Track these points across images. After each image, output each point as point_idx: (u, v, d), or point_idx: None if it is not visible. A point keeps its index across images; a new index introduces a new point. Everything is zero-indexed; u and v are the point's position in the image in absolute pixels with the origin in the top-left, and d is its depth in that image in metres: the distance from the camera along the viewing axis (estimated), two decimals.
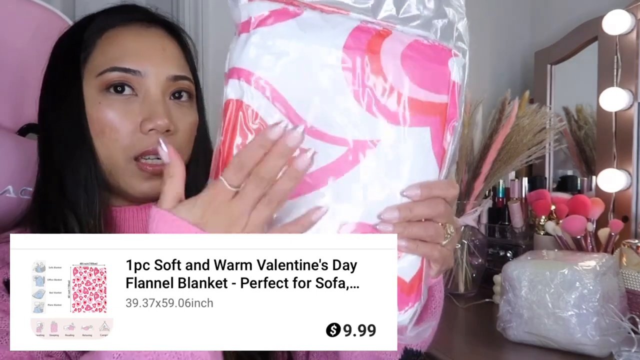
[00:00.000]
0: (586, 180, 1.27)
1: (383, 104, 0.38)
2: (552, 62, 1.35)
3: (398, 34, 0.40)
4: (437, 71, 0.42)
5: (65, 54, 0.54)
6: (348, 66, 0.38)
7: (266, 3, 0.37)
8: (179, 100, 0.55)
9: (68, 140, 0.52)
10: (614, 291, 0.78)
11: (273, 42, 0.37)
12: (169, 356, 0.34)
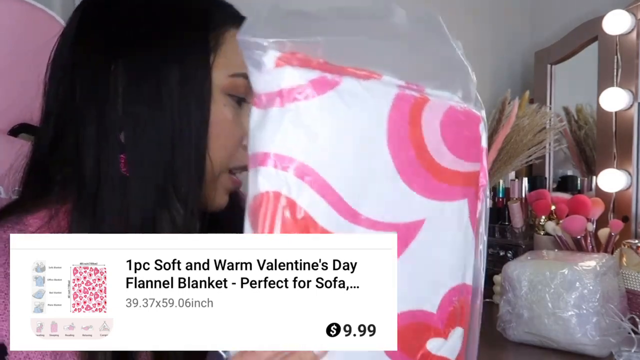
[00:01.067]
0: (586, 180, 1.27)
1: (427, 180, 0.36)
2: (552, 62, 1.35)
3: (434, 101, 0.37)
4: (471, 139, 0.40)
5: (191, 31, 0.46)
6: (394, 141, 0.34)
7: (300, 70, 0.32)
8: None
9: (189, 132, 0.44)
10: (614, 291, 0.78)
11: (314, 119, 0.32)
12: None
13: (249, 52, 0.31)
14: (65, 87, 0.46)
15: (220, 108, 0.46)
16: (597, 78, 1.16)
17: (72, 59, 0.46)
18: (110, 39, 0.45)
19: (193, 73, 0.45)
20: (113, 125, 0.43)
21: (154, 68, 0.44)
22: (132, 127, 0.43)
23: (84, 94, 0.44)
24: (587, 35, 1.21)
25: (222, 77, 0.46)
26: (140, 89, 0.44)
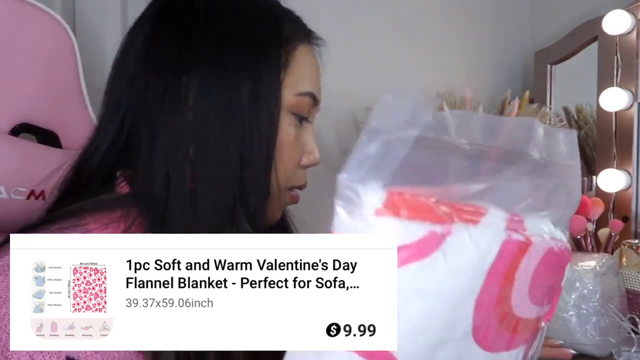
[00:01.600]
0: (586, 180, 1.27)
1: (496, 334, 0.33)
2: (552, 62, 1.35)
3: (536, 244, 0.33)
4: (555, 283, 0.38)
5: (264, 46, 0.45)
6: (483, 297, 0.31)
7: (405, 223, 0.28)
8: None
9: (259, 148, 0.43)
10: (614, 291, 0.78)
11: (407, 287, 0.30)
12: None
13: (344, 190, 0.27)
14: (133, 95, 0.45)
15: (285, 127, 0.46)
16: (597, 78, 1.16)
17: (144, 68, 0.45)
18: (183, 50, 0.44)
19: (265, 90, 0.44)
20: (183, 139, 0.43)
21: (226, 83, 0.43)
22: (203, 142, 0.43)
23: (154, 103, 0.43)
24: (587, 35, 1.21)
25: (289, 95, 0.46)
26: (212, 103, 0.43)
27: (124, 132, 0.45)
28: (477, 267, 0.31)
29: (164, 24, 0.46)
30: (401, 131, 0.27)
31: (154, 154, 0.43)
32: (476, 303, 0.31)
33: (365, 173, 0.26)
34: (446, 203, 0.29)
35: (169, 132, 0.43)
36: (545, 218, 0.35)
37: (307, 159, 0.51)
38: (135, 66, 0.45)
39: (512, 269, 0.32)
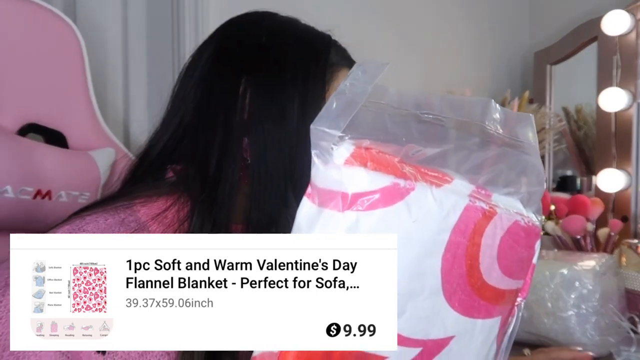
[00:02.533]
0: (586, 180, 1.27)
1: (469, 298, 0.35)
2: (552, 62, 1.35)
3: (501, 214, 0.35)
4: (525, 257, 0.40)
5: (313, 63, 0.52)
6: (449, 257, 0.33)
7: (372, 174, 0.31)
8: None
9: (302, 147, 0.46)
10: (614, 291, 0.79)
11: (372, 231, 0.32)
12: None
13: (317, 140, 0.31)
14: (197, 94, 0.51)
15: None
16: (596, 78, 1.16)
17: (211, 70, 0.51)
18: (245, 57, 0.51)
19: (311, 99, 0.50)
20: (237, 132, 0.48)
21: (279, 88, 0.49)
22: (260, 137, 0.48)
23: (216, 100, 0.50)
24: (587, 35, 1.21)
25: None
26: (266, 104, 0.49)
27: (183, 126, 0.50)
28: (440, 224, 0.33)
29: (231, 39, 0.53)
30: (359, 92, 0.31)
31: (210, 143, 0.48)
32: (443, 260, 0.33)
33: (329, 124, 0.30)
34: (411, 164, 0.32)
35: (224, 125, 0.48)
36: (514, 196, 0.37)
37: None
38: (202, 71, 0.52)
39: (476, 233, 0.34)
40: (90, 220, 0.45)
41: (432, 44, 1.39)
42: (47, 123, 0.80)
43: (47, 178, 0.73)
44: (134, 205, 0.47)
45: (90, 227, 0.44)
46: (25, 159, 0.71)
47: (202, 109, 0.50)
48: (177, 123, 0.51)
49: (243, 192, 0.48)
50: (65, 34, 0.83)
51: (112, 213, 0.46)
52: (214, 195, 0.46)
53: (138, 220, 0.47)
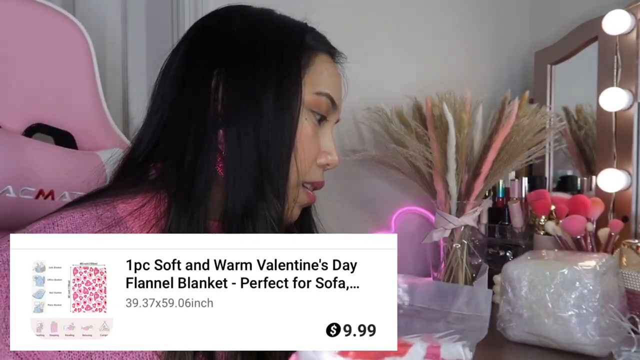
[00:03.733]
0: (586, 180, 1.27)
1: None
2: (552, 62, 1.35)
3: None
4: None
5: (286, 49, 0.51)
6: None
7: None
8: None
9: (281, 136, 0.48)
10: (614, 291, 0.78)
11: None
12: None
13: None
14: (172, 91, 0.51)
15: (302, 122, 0.51)
16: (597, 78, 1.16)
17: (185, 67, 0.51)
18: (216, 50, 0.50)
19: (287, 87, 0.50)
20: (211, 125, 0.48)
21: (252, 77, 0.49)
22: (234, 129, 0.48)
23: (189, 95, 0.49)
24: (587, 35, 1.21)
25: (308, 93, 0.51)
26: (238, 96, 0.48)
27: (162, 124, 0.51)
28: None
29: (204, 33, 0.53)
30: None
31: (185, 138, 0.48)
32: None
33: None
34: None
35: (198, 120, 0.48)
36: (458, 343, 0.41)
37: (325, 159, 0.55)
38: (177, 68, 0.52)
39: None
40: (65, 215, 0.46)
41: (432, 44, 1.39)
42: (55, 123, 0.81)
43: (50, 178, 0.73)
44: (115, 202, 0.48)
45: (65, 222, 0.45)
46: (27, 159, 0.71)
47: (178, 105, 0.50)
48: (157, 121, 0.51)
49: (220, 185, 0.48)
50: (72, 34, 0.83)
51: (89, 209, 0.47)
52: (190, 190, 0.46)
53: (115, 215, 0.47)
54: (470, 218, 1.13)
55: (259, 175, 0.47)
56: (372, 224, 1.33)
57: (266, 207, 0.47)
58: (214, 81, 0.49)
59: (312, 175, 0.54)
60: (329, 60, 0.56)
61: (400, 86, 1.29)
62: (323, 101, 0.53)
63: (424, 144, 1.14)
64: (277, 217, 0.47)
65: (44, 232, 0.44)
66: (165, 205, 0.47)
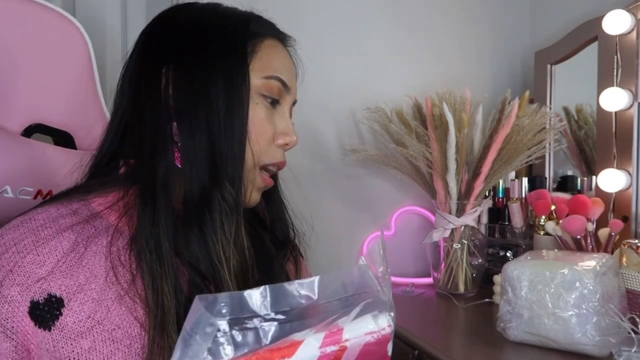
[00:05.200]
0: (586, 180, 1.27)
1: None
2: (552, 62, 1.35)
3: (352, 346, 0.40)
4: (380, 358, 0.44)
5: (231, 40, 0.53)
6: None
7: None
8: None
9: (232, 125, 0.51)
10: (614, 291, 0.78)
11: None
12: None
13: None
14: (130, 91, 0.54)
15: (254, 107, 0.53)
16: (597, 78, 1.16)
17: (138, 68, 0.54)
18: (164, 49, 0.53)
19: (234, 75, 0.52)
20: (165, 121, 0.50)
21: (201, 71, 0.51)
22: (183, 123, 0.50)
23: (143, 94, 0.52)
24: (587, 35, 1.21)
25: (256, 78, 0.53)
26: (188, 89, 0.51)
27: (123, 124, 0.54)
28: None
29: (153, 33, 0.56)
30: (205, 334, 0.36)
31: (143, 136, 0.51)
32: None
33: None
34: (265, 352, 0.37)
35: (152, 117, 0.51)
36: (365, 318, 0.42)
37: (282, 139, 0.56)
38: (132, 67, 0.55)
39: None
40: (42, 210, 0.49)
41: (432, 44, 1.39)
42: (55, 124, 0.80)
43: (49, 178, 0.73)
44: (87, 198, 0.51)
45: (41, 216, 0.48)
46: (25, 159, 0.70)
47: (135, 105, 0.53)
48: (118, 122, 0.54)
49: (180, 174, 0.51)
50: (72, 34, 0.83)
51: (65, 204, 0.50)
52: (152, 181, 0.49)
53: (92, 210, 0.50)
54: (470, 218, 1.13)
55: (212, 163, 0.50)
56: (372, 224, 1.33)
57: (220, 193, 0.49)
58: (163, 79, 0.51)
59: (271, 156, 0.55)
60: (277, 45, 0.57)
61: (400, 86, 1.29)
62: (274, 84, 0.54)
63: (424, 144, 1.14)
64: (232, 202, 0.50)
65: (20, 227, 0.46)
66: (135, 200, 0.50)
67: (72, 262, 0.46)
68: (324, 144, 1.28)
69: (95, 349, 0.44)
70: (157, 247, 0.47)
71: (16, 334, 0.43)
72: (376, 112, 1.21)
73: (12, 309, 0.43)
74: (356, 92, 1.29)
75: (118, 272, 0.47)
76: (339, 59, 1.28)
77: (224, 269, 0.48)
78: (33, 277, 0.44)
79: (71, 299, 0.44)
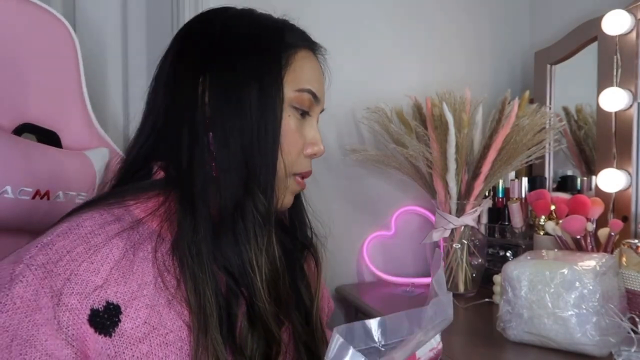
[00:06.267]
0: (586, 180, 1.27)
1: None
2: (552, 62, 1.35)
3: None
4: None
5: (266, 51, 0.54)
6: None
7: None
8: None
9: (265, 136, 0.52)
10: (614, 291, 0.78)
11: None
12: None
13: None
14: (164, 98, 0.55)
15: (286, 118, 0.54)
16: (596, 78, 1.16)
17: (174, 74, 0.55)
18: (201, 57, 0.53)
19: (268, 86, 0.52)
20: (202, 130, 0.51)
21: (235, 81, 0.52)
22: (218, 132, 0.51)
23: (179, 101, 0.53)
24: (587, 35, 1.21)
25: (289, 91, 0.54)
26: (224, 99, 0.52)
27: (157, 128, 0.55)
28: None
29: (188, 40, 0.56)
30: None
31: (179, 144, 0.52)
32: None
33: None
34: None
35: (189, 125, 0.52)
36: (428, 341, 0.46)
37: (311, 149, 0.58)
38: (168, 74, 0.55)
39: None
40: (87, 217, 0.49)
41: (432, 44, 1.39)
42: (41, 123, 0.80)
43: (46, 178, 0.73)
44: (126, 204, 0.52)
45: (88, 222, 0.48)
46: (24, 160, 0.70)
47: (170, 112, 0.54)
48: (151, 127, 0.55)
49: (216, 183, 0.52)
50: (60, 33, 0.83)
51: (106, 210, 0.51)
52: (191, 191, 0.50)
53: (134, 216, 0.51)
54: (470, 218, 1.13)
55: (245, 174, 0.51)
56: (372, 224, 1.33)
57: (253, 203, 0.51)
58: (200, 87, 0.52)
59: (300, 166, 0.57)
60: (309, 56, 0.58)
61: (400, 86, 1.30)
62: (305, 97, 0.55)
63: (424, 144, 1.14)
64: (264, 211, 0.51)
65: (70, 234, 0.47)
66: (175, 206, 0.51)
67: (124, 270, 0.47)
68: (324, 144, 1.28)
69: (152, 352, 0.46)
70: (198, 253, 0.49)
71: (76, 340, 0.43)
72: (376, 112, 1.21)
73: (73, 317, 0.44)
74: (356, 92, 1.29)
75: (165, 278, 0.48)
76: (339, 59, 1.28)
77: (256, 277, 0.50)
78: (90, 285, 0.45)
79: (127, 306, 0.46)
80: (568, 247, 0.98)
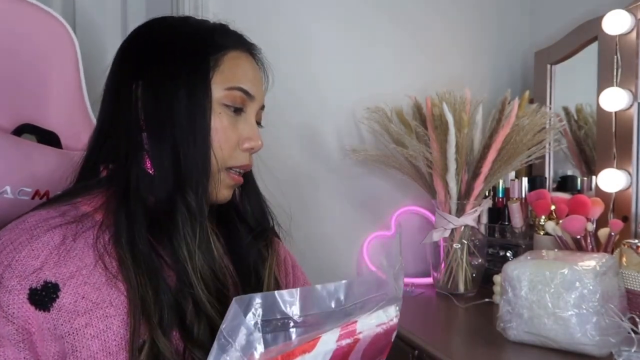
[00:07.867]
0: (586, 180, 1.27)
1: None
2: (552, 62, 1.35)
3: (364, 338, 0.44)
4: (383, 345, 0.48)
5: (194, 56, 0.57)
6: None
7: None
8: (258, 126, 0.64)
9: (194, 135, 0.56)
10: (614, 291, 0.78)
11: None
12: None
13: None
14: (108, 102, 0.60)
15: (217, 116, 0.58)
16: (597, 78, 1.16)
17: (114, 82, 0.59)
18: (135, 65, 0.58)
19: (196, 90, 0.56)
20: (137, 132, 0.56)
21: (166, 87, 0.56)
22: (152, 133, 0.56)
23: (118, 107, 0.58)
24: (587, 35, 1.21)
25: (219, 90, 0.58)
26: (155, 102, 0.56)
27: (103, 131, 0.59)
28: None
29: (129, 47, 0.61)
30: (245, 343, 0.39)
31: (119, 144, 0.56)
32: None
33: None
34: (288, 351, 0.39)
35: (125, 127, 0.56)
36: (378, 310, 0.46)
37: (248, 144, 0.60)
38: (110, 80, 0.60)
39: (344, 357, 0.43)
40: (34, 213, 0.54)
41: (432, 44, 1.39)
42: (41, 123, 0.80)
43: (45, 178, 0.73)
44: (73, 202, 0.56)
45: (33, 218, 0.53)
46: (23, 160, 0.70)
47: (113, 117, 0.59)
48: (99, 128, 0.60)
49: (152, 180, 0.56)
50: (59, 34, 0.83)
51: (55, 207, 0.55)
52: (126, 186, 0.55)
53: (79, 211, 0.55)
54: (470, 218, 1.13)
55: (177, 171, 0.55)
56: (372, 224, 1.33)
57: (184, 199, 0.55)
58: (134, 94, 0.56)
59: (236, 160, 0.60)
60: (240, 56, 0.61)
61: (400, 86, 1.29)
62: (236, 94, 0.58)
63: (424, 144, 1.14)
64: (195, 206, 0.55)
65: (15, 229, 0.52)
66: (116, 200, 0.55)
67: (62, 254, 0.51)
68: (324, 144, 1.28)
69: (91, 324, 0.49)
70: (133, 244, 0.52)
71: (17, 318, 0.48)
72: (376, 112, 1.21)
73: (13, 297, 0.48)
74: (356, 92, 1.29)
75: (105, 260, 0.52)
76: (339, 59, 1.28)
77: (189, 267, 0.53)
78: (29, 268, 0.49)
79: (65, 283, 0.50)
80: (568, 247, 0.98)
